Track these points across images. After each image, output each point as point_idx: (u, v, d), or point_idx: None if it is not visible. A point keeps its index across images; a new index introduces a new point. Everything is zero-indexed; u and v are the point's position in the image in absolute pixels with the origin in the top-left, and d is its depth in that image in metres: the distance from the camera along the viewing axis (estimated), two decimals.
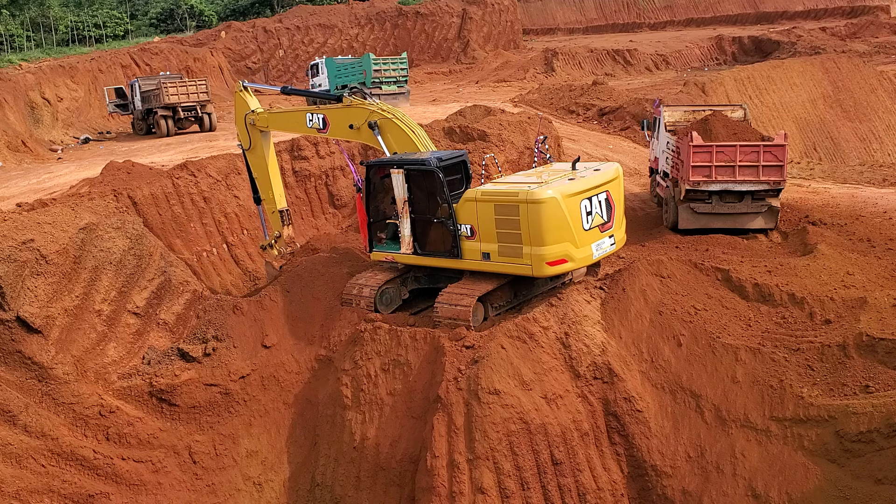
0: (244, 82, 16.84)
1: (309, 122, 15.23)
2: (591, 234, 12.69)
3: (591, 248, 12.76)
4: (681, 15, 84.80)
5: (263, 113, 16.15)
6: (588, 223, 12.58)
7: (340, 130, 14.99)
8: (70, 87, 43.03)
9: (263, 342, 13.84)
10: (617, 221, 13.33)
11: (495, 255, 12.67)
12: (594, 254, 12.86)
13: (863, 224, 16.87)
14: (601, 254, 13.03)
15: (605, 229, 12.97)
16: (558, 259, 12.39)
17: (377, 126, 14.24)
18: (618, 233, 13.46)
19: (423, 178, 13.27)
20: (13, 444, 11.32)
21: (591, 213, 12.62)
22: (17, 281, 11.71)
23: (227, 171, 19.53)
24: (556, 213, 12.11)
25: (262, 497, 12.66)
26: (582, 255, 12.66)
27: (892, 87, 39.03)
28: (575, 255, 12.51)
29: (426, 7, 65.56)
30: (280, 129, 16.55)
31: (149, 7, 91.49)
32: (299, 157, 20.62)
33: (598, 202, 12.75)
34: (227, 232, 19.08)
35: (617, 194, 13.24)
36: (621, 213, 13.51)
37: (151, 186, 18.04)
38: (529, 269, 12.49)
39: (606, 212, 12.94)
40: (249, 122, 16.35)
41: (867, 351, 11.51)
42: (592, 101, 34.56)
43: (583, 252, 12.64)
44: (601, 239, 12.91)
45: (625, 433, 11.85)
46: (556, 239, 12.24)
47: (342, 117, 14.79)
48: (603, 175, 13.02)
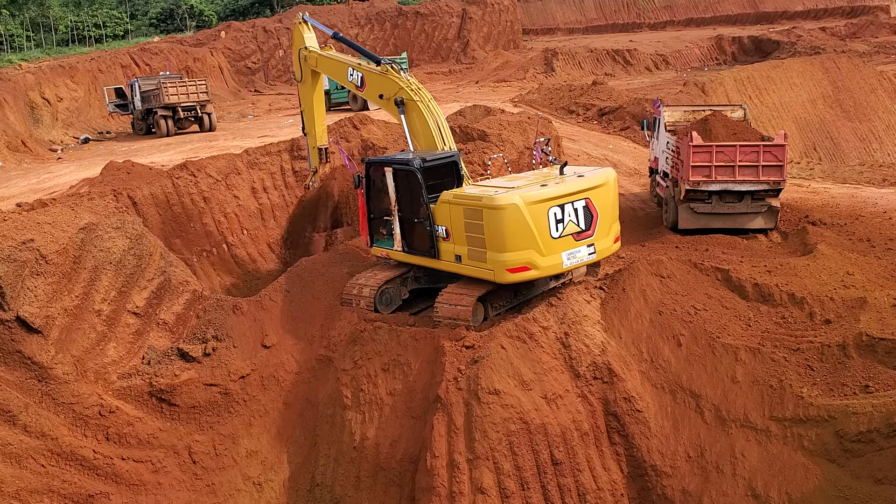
0: (304, 15, 16.92)
1: (350, 75, 15.27)
2: (561, 242, 12.28)
3: (560, 257, 12.31)
4: (681, 15, 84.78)
5: (314, 52, 16.32)
6: (557, 231, 12.20)
7: (373, 95, 15.01)
8: (70, 87, 43.03)
9: (263, 342, 13.84)
10: (601, 230, 12.79)
11: (465, 258, 12.67)
12: (564, 263, 12.38)
13: (863, 224, 16.87)
14: (574, 263, 12.58)
15: (581, 238, 12.50)
16: (520, 266, 12.15)
17: (403, 104, 14.14)
18: (601, 242, 12.88)
19: (406, 178, 13.47)
20: (13, 444, 11.32)
21: (561, 221, 12.20)
22: (17, 281, 11.71)
23: (227, 171, 19.52)
24: (518, 219, 11.87)
25: (262, 497, 12.66)
26: (548, 264, 12.25)
27: (892, 87, 39.02)
28: (539, 263, 12.17)
29: (426, 7, 65.56)
30: (326, 72, 16.62)
31: (149, 7, 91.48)
32: (299, 157, 20.60)
33: (573, 210, 12.29)
34: (227, 232, 19.08)
35: (602, 202, 12.71)
36: (609, 221, 13.01)
37: (151, 186, 18.04)
38: (492, 275, 12.36)
39: (585, 220, 12.48)
40: (302, 57, 16.62)
41: (867, 351, 11.52)
42: (592, 101, 34.55)
43: (550, 261, 12.23)
44: (576, 248, 12.46)
45: (625, 433, 11.85)
46: (517, 246, 12.01)
47: (376, 83, 14.73)
48: (583, 182, 12.54)
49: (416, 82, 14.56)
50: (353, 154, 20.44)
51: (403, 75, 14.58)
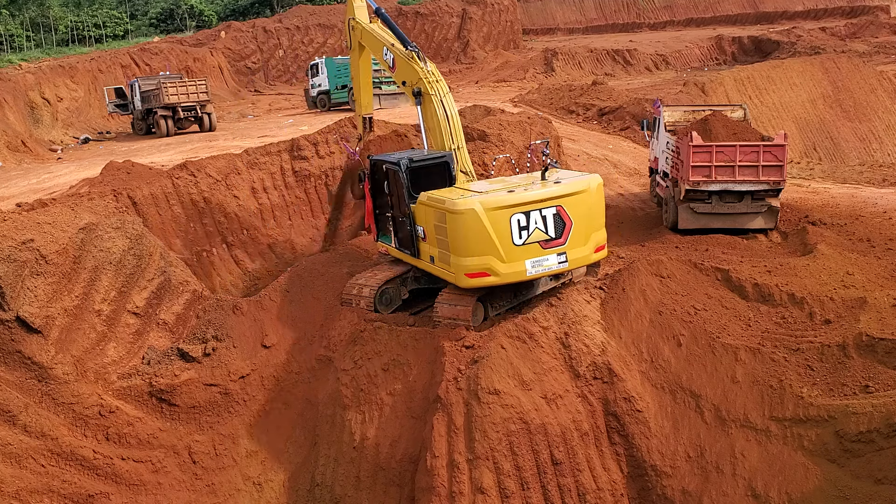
0: None
1: (385, 54, 15.29)
2: (525, 249, 12.06)
3: (523, 265, 12.09)
4: (681, 15, 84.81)
5: (360, 24, 16.45)
6: (521, 238, 11.99)
7: (399, 80, 15.06)
8: (70, 87, 43.03)
9: (263, 342, 13.84)
10: (576, 239, 12.41)
11: (437, 259, 12.78)
12: (528, 271, 12.15)
13: (863, 224, 16.86)
14: (540, 271, 12.28)
15: (549, 246, 12.19)
16: (478, 272, 12.10)
17: (420, 96, 14.10)
18: (575, 251, 12.48)
19: (395, 177, 13.69)
20: (13, 444, 11.32)
21: (526, 228, 11.98)
22: (17, 281, 11.71)
23: (227, 171, 19.50)
24: (476, 225, 11.82)
25: (262, 497, 12.66)
26: (509, 271, 12.08)
27: (892, 87, 39.02)
28: (500, 269, 12.04)
29: (426, 7, 65.56)
30: (368, 46, 16.60)
31: (149, 7, 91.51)
32: (299, 157, 20.59)
33: (541, 217, 12.04)
34: (227, 232, 19.06)
35: (579, 210, 12.33)
36: (588, 230, 12.59)
37: (151, 186, 18.03)
38: (454, 278, 12.38)
39: (555, 228, 12.16)
40: (350, 27, 16.86)
41: (867, 351, 11.52)
42: (592, 101, 34.55)
43: (511, 268, 12.06)
44: (543, 256, 12.17)
45: (625, 433, 11.85)
46: (476, 251, 11.97)
47: (402, 68, 14.69)
48: (555, 189, 12.24)
49: (438, 74, 14.29)
50: (365, 149, 20.47)
51: (425, 66, 14.32)
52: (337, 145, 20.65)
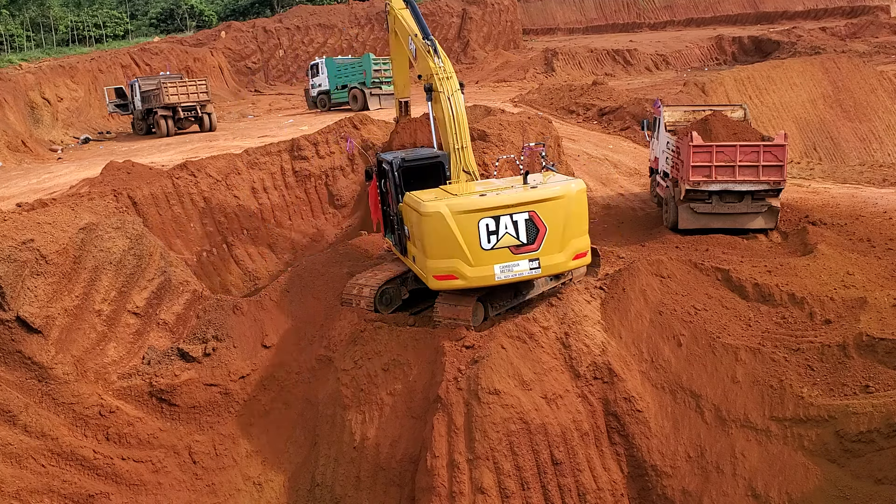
0: None
1: (409, 43, 15.09)
2: (494, 254, 11.96)
3: (492, 269, 12.00)
4: (681, 15, 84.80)
5: (393, 10, 16.18)
6: (489, 243, 11.90)
7: (417, 73, 14.86)
8: (70, 87, 43.04)
9: (263, 342, 13.84)
10: (550, 245, 12.12)
11: (416, 259, 12.90)
12: (497, 276, 12.03)
13: (863, 224, 16.87)
14: (510, 277, 12.12)
15: (520, 252, 12.01)
16: (445, 274, 12.16)
17: (431, 92, 13.91)
18: (550, 257, 12.18)
19: (388, 176, 13.82)
20: (13, 444, 11.32)
21: (495, 232, 11.88)
22: (17, 281, 11.71)
23: (227, 171, 19.52)
24: (442, 228, 11.83)
25: (262, 497, 12.66)
26: (477, 275, 12.02)
27: (892, 87, 39.02)
28: (467, 273, 12.02)
29: (426, 7, 65.51)
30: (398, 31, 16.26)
31: (149, 7, 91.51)
32: (299, 157, 20.60)
33: (512, 222, 11.88)
34: (227, 232, 19.08)
35: (555, 216, 12.06)
36: (566, 236, 12.25)
37: (151, 186, 18.04)
38: (425, 279, 12.46)
39: (527, 233, 11.95)
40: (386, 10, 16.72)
41: (867, 351, 11.52)
42: (592, 101, 34.56)
43: (479, 272, 12.00)
44: (513, 261, 12.03)
45: (625, 433, 11.85)
46: (443, 254, 12.00)
47: (420, 61, 14.56)
48: (528, 194, 12.04)
49: (450, 70, 13.94)
50: (368, 147, 20.47)
51: (437, 61, 14.03)
52: (337, 145, 20.66)
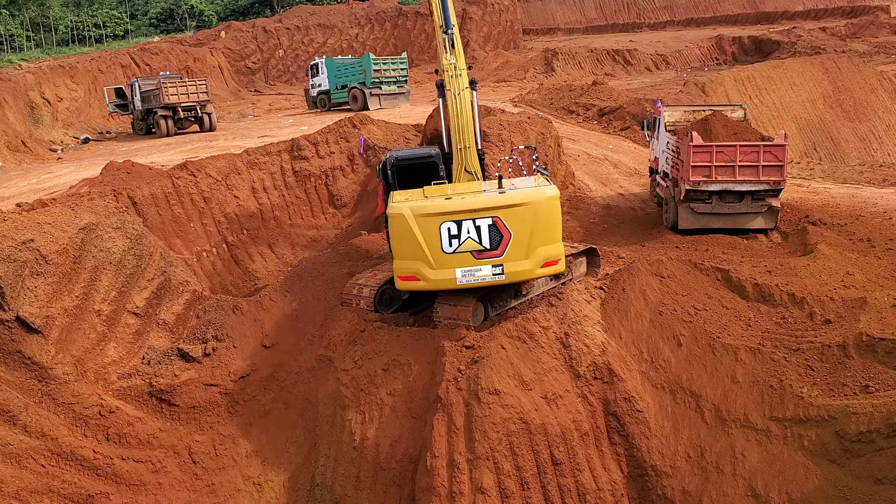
0: None
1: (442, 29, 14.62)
2: (455, 258, 11.97)
3: (453, 273, 12.01)
4: (681, 15, 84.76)
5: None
6: (451, 247, 11.92)
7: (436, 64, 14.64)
8: (70, 87, 43.03)
9: (263, 342, 13.85)
10: (515, 252, 11.99)
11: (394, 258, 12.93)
12: (458, 279, 12.04)
13: (863, 224, 16.86)
14: (472, 282, 12.09)
15: (483, 257, 11.97)
16: (408, 276, 12.25)
17: (440, 88, 13.69)
18: (514, 264, 12.05)
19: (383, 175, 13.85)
20: (13, 444, 11.33)
21: (457, 236, 11.87)
22: (17, 281, 11.71)
23: (227, 171, 19.51)
24: (405, 229, 11.94)
25: (262, 497, 12.66)
26: (438, 278, 12.09)
27: (892, 87, 39.02)
28: (428, 275, 12.09)
29: (426, 7, 65.19)
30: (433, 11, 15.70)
31: (149, 7, 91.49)
32: (299, 157, 20.60)
33: (475, 227, 11.84)
34: (227, 232, 19.08)
35: (521, 222, 11.91)
36: (532, 244, 12.05)
37: (151, 186, 18.04)
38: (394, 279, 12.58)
39: (490, 239, 11.89)
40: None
41: (867, 351, 11.52)
42: (592, 101, 34.54)
43: (440, 275, 12.05)
44: (475, 266, 12.01)
45: (625, 433, 11.85)
46: (406, 255, 12.13)
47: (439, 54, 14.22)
48: (492, 200, 11.98)
49: (462, 67, 13.53)
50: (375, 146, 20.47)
51: (449, 57, 13.69)
52: (337, 145, 20.67)
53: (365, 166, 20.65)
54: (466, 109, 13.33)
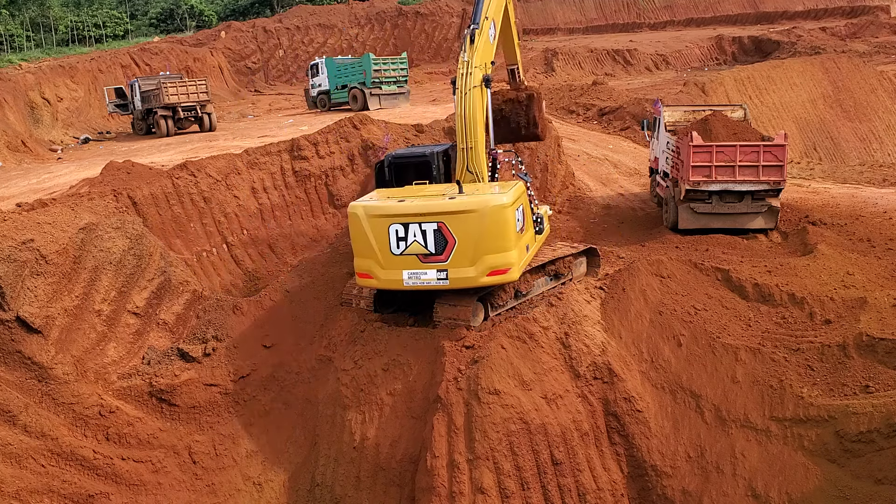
0: None
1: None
2: (402, 260, 12.10)
3: (401, 274, 12.16)
4: (681, 15, 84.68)
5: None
6: (399, 249, 12.06)
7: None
8: (70, 87, 43.01)
9: (263, 342, 13.85)
10: (460, 258, 11.91)
11: None
12: (405, 281, 12.18)
13: (863, 224, 16.87)
14: (417, 284, 12.18)
15: (428, 261, 12.01)
16: (364, 273, 12.52)
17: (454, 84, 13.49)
18: (459, 270, 11.96)
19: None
20: (13, 444, 11.33)
21: (404, 239, 12.00)
22: (17, 281, 11.71)
23: (227, 171, 19.50)
24: (359, 228, 12.22)
25: (262, 497, 12.66)
26: (387, 278, 12.28)
27: (892, 87, 39.02)
28: (379, 274, 12.31)
29: (426, 7, 65.49)
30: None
31: (149, 7, 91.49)
32: (299, 157, 20.58)
33: (420, 231, 11.91)
34: (227, 232, 19.06)
35: (467, 229, 11.80)
36: (478, 251, 11.87)
37: (151, 186, 18.02)
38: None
39: (435, 244, 11.90)
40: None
41: (867, 351, 11.52)
42: (592, 101, 34.53)
43: (389, 275, 12.23)
44: (421, 269, 12.08)
45: (625, 433, 11.85)
46: (361, 253, 12.42)
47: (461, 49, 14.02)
48: (437, 205, 11.97)
49: (474, 65, 13.31)
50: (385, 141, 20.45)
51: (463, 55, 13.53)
52: (337, 145, 20.65)
53: (365, 166, 20.63)
54: (472, 109, 13.18)
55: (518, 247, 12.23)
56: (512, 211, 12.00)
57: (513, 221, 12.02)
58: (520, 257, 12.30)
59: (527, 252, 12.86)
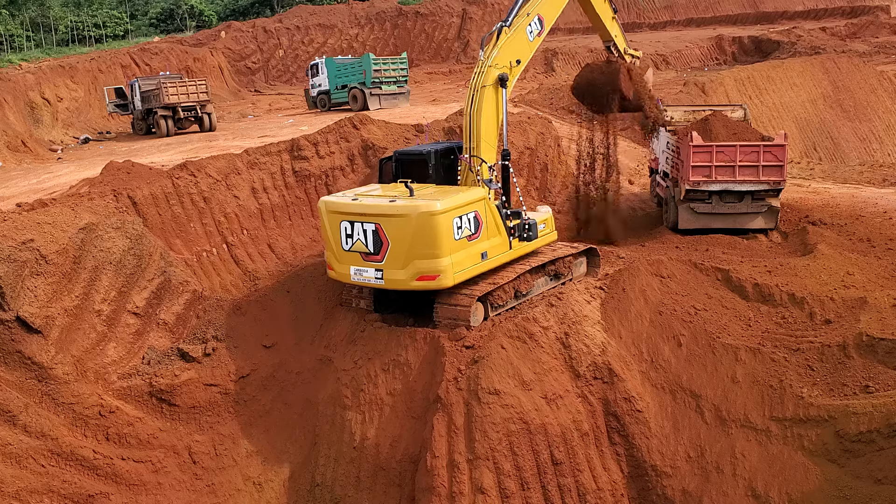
0: None
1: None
2: (350, 256, 12.60)
3: (349, 269, 12.65)
4: (681, 15, 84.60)
5: None
6: (347, 245, 12.54)
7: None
8: (70, 87, 42.99)
9: (263, 342, 13.85)
10: (393, 261, 12.16)
11: None
12: (352, 276, 12.69)
13: (863, 224, 16.86)
14: (362, 280, 12.65)
15: (368, 259, 12.41)
16: (328, 264, 13.22)
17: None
18: (392, 272, 12.22)
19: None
20: (13, 444, 11.33)
21: (351, 236, 12.45)
22: (17, 281, 11.71)
23: (227, 171, 19.47)
24: (322, 221, 12.89)
25: (262, 497, 12.66)
26: (340, 271, 12.88)
27: (892, 87, 39.00)
28: (335, 266, 12.97)
29: (426, 7, 65.49)
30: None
31: (149, 7, 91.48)
32: (299, 157, 20.56)
33: (363, 230, 12.28)
34: (227, 232, 19.03)
35: (399, 233, 12.03)
36: (409, 256, 12.05)
37: (151, 186, 18.00)
38: None
39: (373, 244, 12.25)
40: None
41: (867, 351, 11.52)
42: None
43: (342, 269, 12.81)
44: (363, 267, 12.51)
45: (625, 433, 11.85)
46: (326, 246, 13.11)
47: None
48: (374, 207, 12.31)
49: (493, 63, 13.16)
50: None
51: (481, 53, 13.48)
52: (337, 145, 20.65)
53: (365, 166, 20.63)
54: (478, 108, 13.05)
55: (453, 254, 12.14)
56: (445, 218, 11.97)
57: (445, 229, 11.98)
58: (457, 265, 12.20)
59: (483, 259, 12.67)
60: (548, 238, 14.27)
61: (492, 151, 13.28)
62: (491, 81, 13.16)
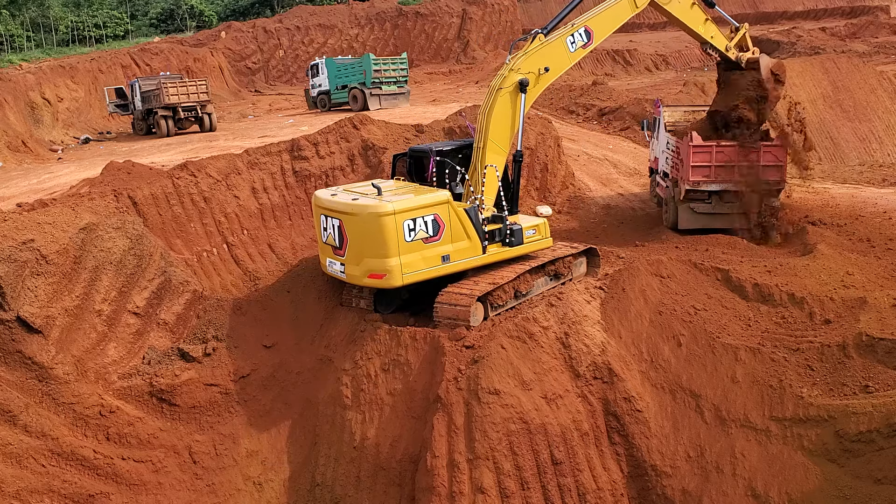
0: None
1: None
2: (325, 247, 13.32)
3: (325, 260, 13.39)
4: None
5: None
6: (324, 237, 13.25)
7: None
8: (70, 88, 43.00)
9: (263, 342, 13.86)
10: (351, 257, 12.54)
11: None
12: (327, 267, 13.42)
13: (863, 224, 16.87)
14: (332, 272, 13.30)
15: (336, 253, 12.97)
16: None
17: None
18: (352, 267, 12.60)
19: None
20: (13, 444, 11.33)
21: (325, 229, 13.14)
22: (17, 281, 11.72)
23: (227, 171, 19.48)
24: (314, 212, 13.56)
25: (262, 497, 12.67)
26: (322, 262, 13.63)
27: (892, 87, 38.99)
28: (320, 257, 13.69)
29: (426, 7, 65.51)
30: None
31: (149, 7, 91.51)
32: (299, 157, 20.57)
33: (332, 225, 12.86)
34: (227, 232, 19.04)
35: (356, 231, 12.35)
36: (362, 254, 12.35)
37: (151, 186, 18.01)
38: None
39: (338, 239, 12.81)
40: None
41: (867, 351, 11.53)
42: (592, 101, 34.53)
43: (322, 259, 13.56)
44: (333, 259, 13.11)
45: (625, 433, 11.86)
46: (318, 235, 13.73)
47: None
48: (337, 203, 12.74)
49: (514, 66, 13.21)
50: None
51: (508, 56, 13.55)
52: (337, 145, 20.67)
53: (365, 166, 20.63)
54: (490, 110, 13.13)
55: (403, 255, 12.20)
56: (395, 220, 12.09)
57: (394, 230, 12.09)
58: (408, 266, 12.28)
59: (444, 262, 12.64)
60: (538, 244, 13.93)
61: (498, 154, 13.26)
62: (509, 85, 13.20)
